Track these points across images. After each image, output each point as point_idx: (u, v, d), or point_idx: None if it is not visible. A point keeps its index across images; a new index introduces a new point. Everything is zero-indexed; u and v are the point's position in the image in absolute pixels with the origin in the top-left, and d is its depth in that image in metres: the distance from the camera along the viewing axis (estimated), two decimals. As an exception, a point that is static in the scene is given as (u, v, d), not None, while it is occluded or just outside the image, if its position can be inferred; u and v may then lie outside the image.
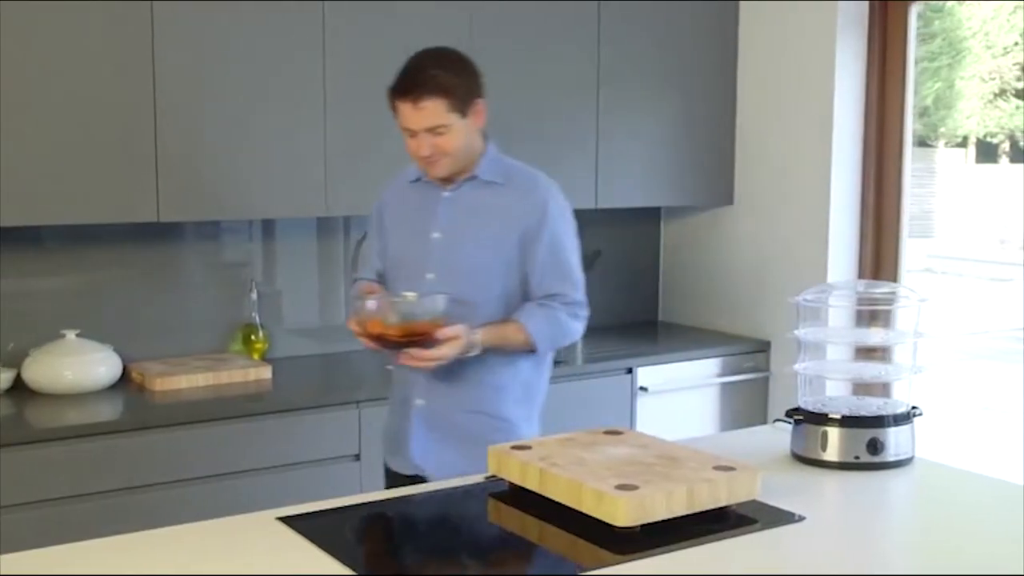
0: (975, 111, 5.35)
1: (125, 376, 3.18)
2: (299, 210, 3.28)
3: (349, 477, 3.07)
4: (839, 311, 2.56)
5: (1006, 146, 5.49)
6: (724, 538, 1.83)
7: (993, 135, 5.55)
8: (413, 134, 2.36)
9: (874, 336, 2.43)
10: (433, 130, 2.34)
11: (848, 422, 2.24)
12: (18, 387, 3.04)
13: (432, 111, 2.33)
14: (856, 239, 3.80)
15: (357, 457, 3.09)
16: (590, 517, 1.82)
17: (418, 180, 2.50)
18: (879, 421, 2.24)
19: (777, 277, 3.87)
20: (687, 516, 1.85)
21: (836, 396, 2.45)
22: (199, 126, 3.04)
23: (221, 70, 3.06)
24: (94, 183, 2.92)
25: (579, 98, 3.70)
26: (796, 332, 2.40)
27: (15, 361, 3.06)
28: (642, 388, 3.63)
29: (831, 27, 3.66)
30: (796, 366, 2.41)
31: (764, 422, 3.78)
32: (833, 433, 2.24)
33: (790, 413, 2.32)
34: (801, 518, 1.92)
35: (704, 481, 1.88)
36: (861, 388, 2.65)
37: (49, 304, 3.19)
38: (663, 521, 1.82)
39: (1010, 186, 5.75)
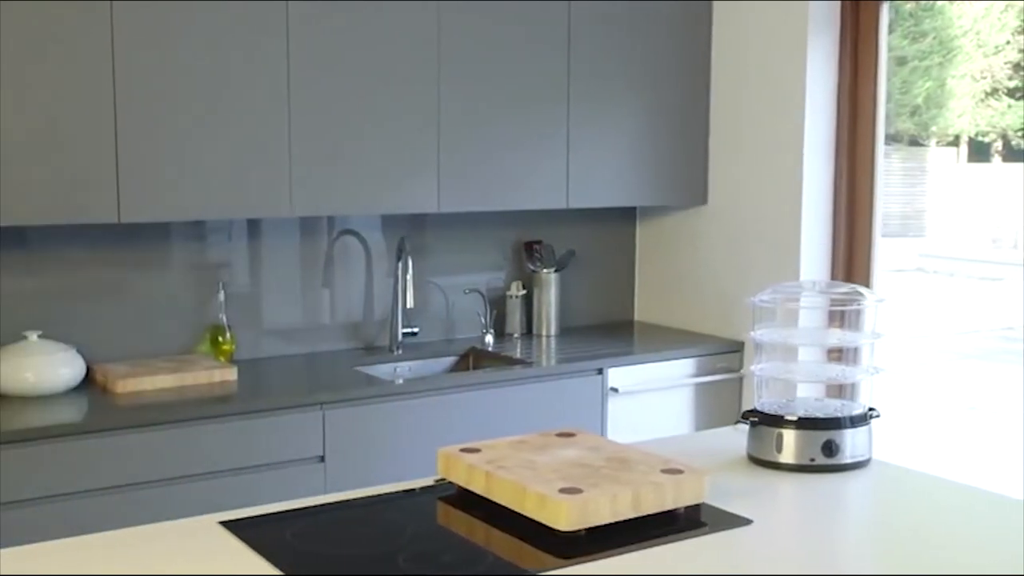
0: (967, 110, 5.33)
1: (89, 378, 3.16)
2: (263, 211, 3.26)
3: (313, 479, 3.05)
4: (811, 312, 2.55)
5: (998, 145, 5.47)
6: (669, 541, 1.82)
7: (985, 134, 5.54)
8: None
9: (832, 337, 2.41)
10: None
11: (804, 424, 2.22)
12: (-20, 389, 3.02)
13: None
14: (829, 239, 3.79)
15: (322, 459, 3.07)
16: (537, 521, 1.81)
17: None
18: (835, 423, 2.23)
19: (752, 277, 3.86)
20: (634, 520, 1.84)
21: (796, 398, 2.44)
22: (160, 125, 3.02)
23: (183, 68, 3.04)
24: (53, 183, 2.90)
25: (550, 97, 3.69)
26: (751, 333, 2.39)
27: (-23, 362, 3.04)
28: (613, 389, 3.61)
29: (802, 27, 3.65)
30: (753, 367, 2.40)
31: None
32: (788, 435, 2.22)
33: (746, 415, 2.30)
34: (749, 521, 1.91)
35: (650, 484, 1.86)
36: (833, 390, 2.63)
37: (10, 305, 3.17)
38: (610, 524, 1.81)
39: (1002, 185, 5.74)
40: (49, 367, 3.01)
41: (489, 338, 3.89)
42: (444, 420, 3.29)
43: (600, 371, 3.59)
